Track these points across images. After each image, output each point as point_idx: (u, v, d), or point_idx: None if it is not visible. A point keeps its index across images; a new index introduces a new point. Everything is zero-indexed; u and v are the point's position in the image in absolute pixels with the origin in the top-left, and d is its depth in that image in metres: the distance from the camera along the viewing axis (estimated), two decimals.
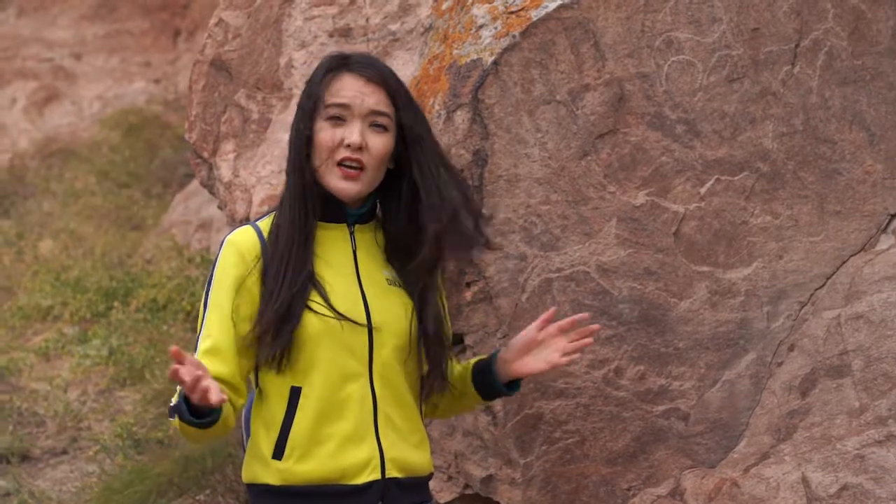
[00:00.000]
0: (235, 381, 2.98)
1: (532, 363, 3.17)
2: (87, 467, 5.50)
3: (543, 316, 3.19)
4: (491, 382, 3.21)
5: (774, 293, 3.46)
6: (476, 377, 3.23)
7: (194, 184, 7.88)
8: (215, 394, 2.77)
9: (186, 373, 2.74)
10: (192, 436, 2.93)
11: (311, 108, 3.07)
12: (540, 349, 3.18)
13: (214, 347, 2.96)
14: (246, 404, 3.11)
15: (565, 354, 3.16)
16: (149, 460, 5.24)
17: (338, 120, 3.04)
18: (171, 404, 2.91)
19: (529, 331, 3.19)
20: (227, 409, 2.94)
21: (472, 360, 3.27)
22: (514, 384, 3.24)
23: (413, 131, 3.08)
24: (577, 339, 3.17)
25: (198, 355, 2.94)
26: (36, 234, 8.54)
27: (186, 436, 2.94)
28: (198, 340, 2.99)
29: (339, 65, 3.09)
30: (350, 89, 3.05)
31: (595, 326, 3.19)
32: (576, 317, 3.18)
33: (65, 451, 5.74)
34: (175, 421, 2.91)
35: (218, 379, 2.89)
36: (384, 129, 3.06)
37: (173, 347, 2.74)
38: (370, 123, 3.04)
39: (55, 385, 6.30)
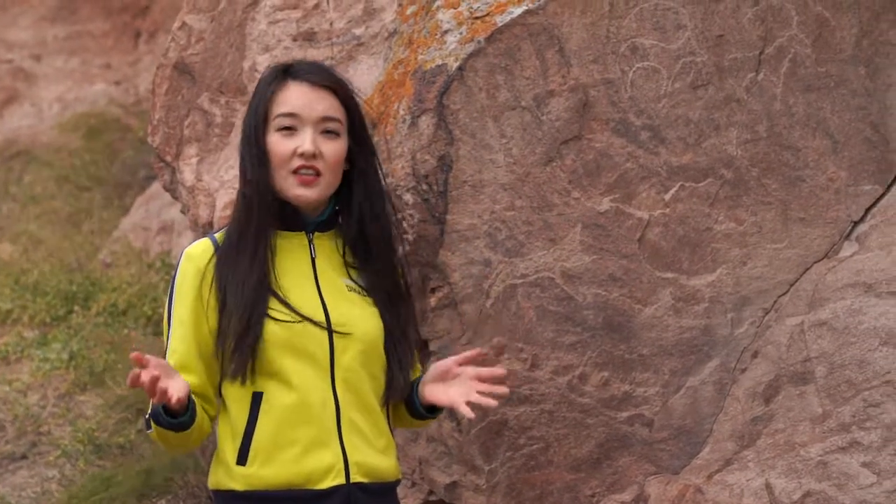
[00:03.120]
0: (206, 391, 3.01)
1: (439, 393, 3.12)
2: (47, 472, 5.46)
3: (467, 354, 3.14)
4: (413, 401, 3.17)
5: (738, 300, 3.47)
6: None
7: (155, 187, 7.83)
8: (175, 391, 2.80)
9: (146, 375, 2.76)
10: (170, 441, 2.96)
11: (259, 121, 3.05)
12: (453, 382, 3.12)
13: (180, 363, 2.98)
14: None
15: (468, 403, 3.06)
16: (110, 466, 5.21)
17: (288, 130, 3.03)
18: (147, 416, 2.93)
19: (449, 361, 3.15)
20: (202, 416, 2.98)
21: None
22: (434, 409, 3.18)
23: (362, 134, 3.11)
24: (489, 391, 3.07)
25: None
26: None
27: (165, 442, 2.96)
28: (164, 357, 3.01)
29: (281, 75, 3.08)
30: (297, 98, 3.04)
31: (504, 390, 3.08)
32: (497, 371, 3.11)
33: (24, 456, 5.68)
34: (153, 433, 2.94)
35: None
36: (336, 134, 3.06)
37: (134, 353, 2.75)
38: (321, 130, 3.04)
39: (14, 389, 6.25)
